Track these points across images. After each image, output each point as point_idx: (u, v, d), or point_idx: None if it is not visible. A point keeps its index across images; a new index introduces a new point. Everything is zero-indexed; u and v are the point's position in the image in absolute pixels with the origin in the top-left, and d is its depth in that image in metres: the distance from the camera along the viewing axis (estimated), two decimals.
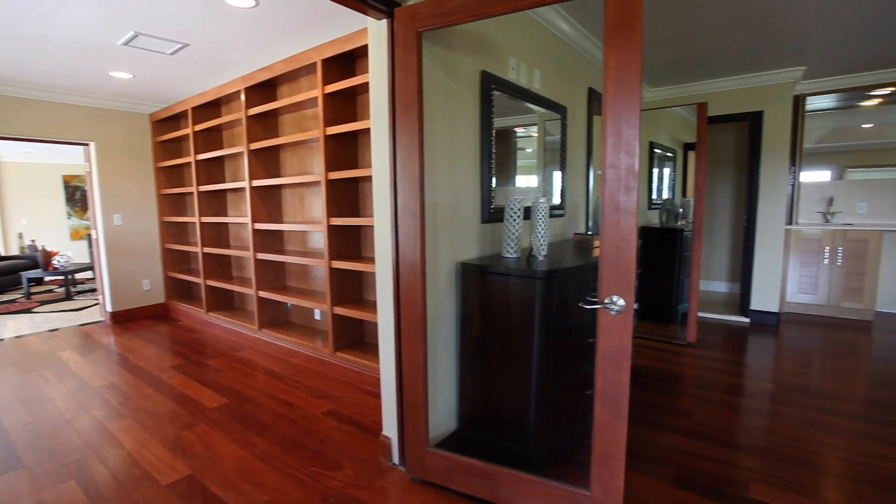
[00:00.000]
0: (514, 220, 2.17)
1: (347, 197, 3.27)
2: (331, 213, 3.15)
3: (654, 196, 4.80)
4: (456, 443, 2.24)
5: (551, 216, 2.92)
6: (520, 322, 1.95)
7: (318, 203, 3.67)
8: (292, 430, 2.53)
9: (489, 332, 2.09)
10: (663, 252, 4.31)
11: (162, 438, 2.46)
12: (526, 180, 2.92)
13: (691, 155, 4.42)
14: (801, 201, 5.14)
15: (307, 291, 3.74)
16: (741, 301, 4.63)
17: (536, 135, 2.94)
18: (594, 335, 1.40)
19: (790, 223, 4.79)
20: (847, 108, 5.10)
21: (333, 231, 3.18)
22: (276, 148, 3.87)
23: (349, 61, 3.15)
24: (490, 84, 2.29)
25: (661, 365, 3.42)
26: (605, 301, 1.28)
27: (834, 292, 4.57)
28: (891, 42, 3.46)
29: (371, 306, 3.15)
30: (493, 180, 2.37)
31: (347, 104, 3.20)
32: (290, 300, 3.54)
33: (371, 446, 2.35)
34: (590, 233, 3.29)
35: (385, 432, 2.20)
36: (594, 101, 3.49)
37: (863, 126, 5.16)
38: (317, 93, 3.07)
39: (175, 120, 4.97)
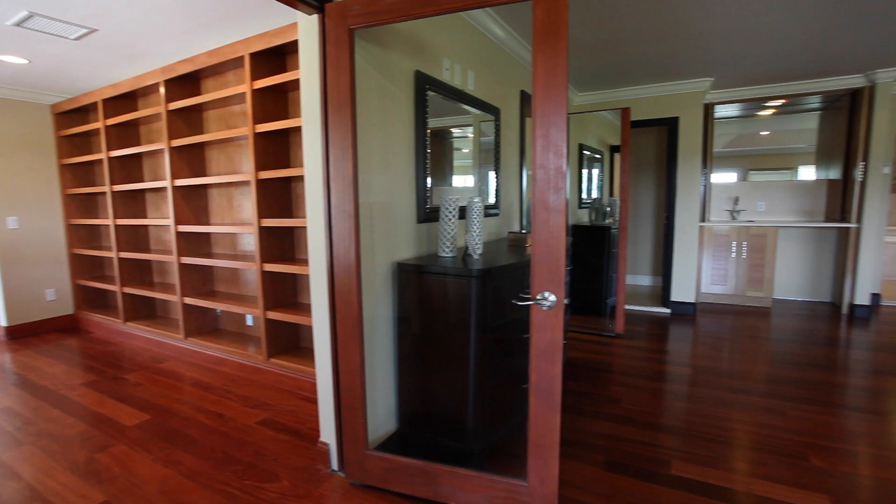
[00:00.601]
0: (450, 219, 2.19)
1: (279, 197, 3.15)
2: (262, 213, 3.02)
3: (585, 196, 5.04)
4: (396, 443, 2.23)
5: (486, 215, 2.98)
6: (456, 320, 1.97)
7: (247, 204, 3.50)
8: (223, 444, 2.40)
9: (427, 331, 2.09)
10: (593, 249, 4.54)
11: (71, 464, 2.23)
12: (463, 180, 2.96)
13: (618, 157, 4.68)
14: (712, 201, 5.61)
15: (238, 296, 3.56)
16: (663, 293, 4.98)
17: (472, 135, 2.99)
18: (529, 331, 1.45)
19: (703, 221, 5.22)
20: (748, 116, 5.64)
21: (265, 233, 3.05)
22: (202, 145, 3.64)
23: (279, 56, 3.04)
24: (424, 84, 2.30)
25: (592, 356, 3.60)
26: (538, 297, 1.33)
27: (740, 283, 5.03)
28: (781, 60, 3.87)
29: (306, 309, 3.05)
30: (429, 180, 2.38)
31: (278, 101, 3.08)
32: (219, 306, 3.36)
33: (309, 454, 2.28)
34: (524, 231, 3.40)
35: (323, 438, 2.14)
36: (526, 103, 3.61)
37: (761, 133, 5.73)
38: (245, 88, 2.93)
39: (83, 112, 4.54)
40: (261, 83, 2.87)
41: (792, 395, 2.87)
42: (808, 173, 5.47)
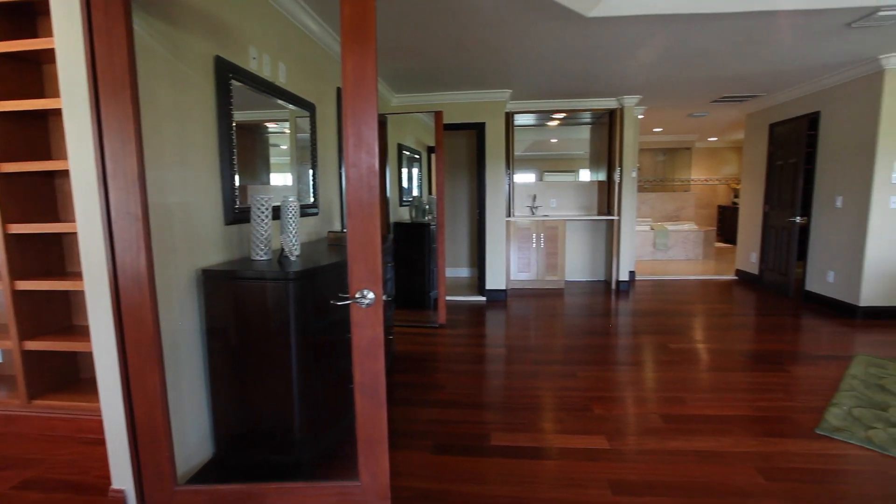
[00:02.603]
0: (263, 220, 2.05)
1: (38, 196, 2.52)
2: (9, 217, 2.37)
3: (405, 194, 5.23)
4: (214, 471, 2.00)
5: (305, 215, 2.87)
6: (275, 327, 1.86)
7: None
8: None
9: (242, 341, 1.92)
10: (414, 245, 4.74)
11: None
12: (283, 178, 2.79)
13: (435, 157, 4.97)
14: (515, 198, 6.37)
15: None
16: (479, 283, 5.48)
17: (288, 131, 2.83)
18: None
19: (509, 216, 5.89)
20: (541, 125, 6.57)
21: (15, 242, 2.41)
22: None
23: (27, 17, 2.42)
24: (227, 72, 2.09)
25: (417, 348, 3.77)
26: (357, 296, 1.34)
27: (540, 269, 5.84)
28: (562, 80, 4.60)
29: (87, 333, 2.51)
30: (237, 178, 2.18)
31: (27, 74, 2.45)
32: None
33: None
34: (344, 230, 3.37)
35: (116, 485, 1.80)
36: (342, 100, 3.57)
37: (552, 140, 6.73)
38: None
39: None
40: None
41: (581, 360, 3.45)
42: (585, 175, 6.63)
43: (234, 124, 2.15)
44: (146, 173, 1.53)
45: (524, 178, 6.70)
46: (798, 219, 5.12)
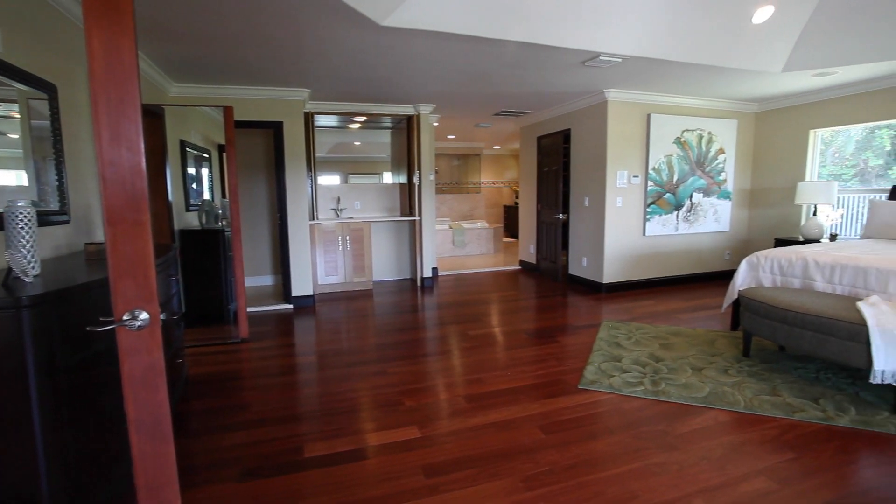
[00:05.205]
0: None
1: None
2: None
3: (193, 197, 4.61)
4: None
5: (48, 223, 2.29)
6: (3, 370, 1.43)
7: None
8: None
9: None
10: (207, 254, 4.23)
11: None
12: (12, 176, 2.16)
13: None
14: (319, 201, 6.22)
15: None
16: (284, 290, 5.18)
17: (18, 116, 2.21)
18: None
19: (313, 219, 5.72)
20: (343, 127, 6.54)
21: None
22: None
23: None
24: None
25: (217, 367, 3.38)
26: (125, 318, 1.12)
27: (348, 271, 5.83)
28: (362, 84, 4.65)
29: None
30: None
31: None
32: None
33: None
34: None
35: None
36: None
37: (355, 143, 6.76)
38: None
39: None
40: None
41: (391, 357, 3.55)
42: (388, 178, 6.85)
43: None
44: None
45: (328, 180, 6.58)
46: (561, 216, 6.22)
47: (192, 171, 4.62)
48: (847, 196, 5.31)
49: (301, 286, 5.19)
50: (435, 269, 6.58)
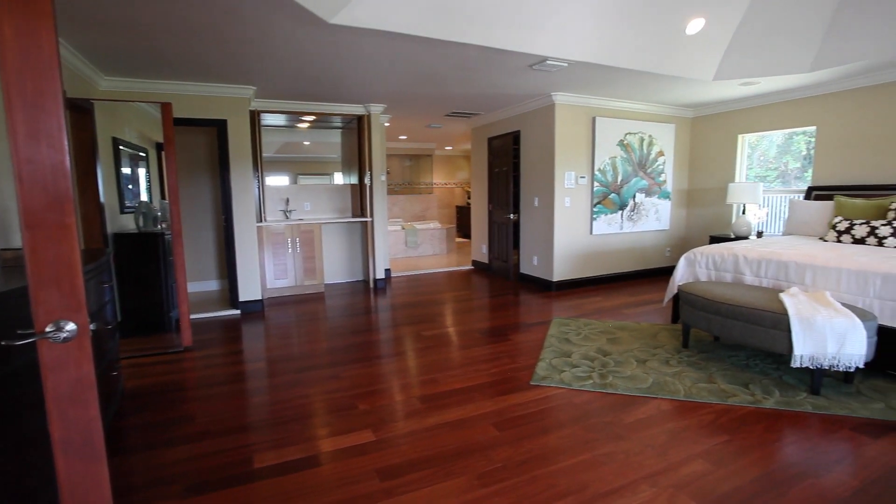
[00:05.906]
0: None
1: None
2: None
3: (129, 198, 4.33)
4: None
5: None
6: None
7: None
8: None
9: None
10: (145, 259, 3.99)
11: None
12: None
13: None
14: (267, 202, 6.01)
15: None
16: (231, 295, 4.98)
17: None
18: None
19: (261, 221, 5.53)
20: (291, 127, 6.35)
21: None
22: None
23: None
24: None
25: (157, 379, 3.19)
26: (48, 329, 1.03)
27: (298, 274, 5.67)
28: (310, 83, 4.54)
29: None
30: None
31: None
32: None
33: None
34: None
35: None
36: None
37: (304, 143, 6.59)
38: None
39: None
40: None
41: (344, 360, 3.49)
42: (339, 178, 6.73)
43: None
44: None
45: (277, 180, 6.38)
46: (512, 215, 6.34)
47: (127, 170, 4.34)
48: (771, 196, 5.74)
49: (249, 291, 5.00)
50: (388, 271, 6.53)
